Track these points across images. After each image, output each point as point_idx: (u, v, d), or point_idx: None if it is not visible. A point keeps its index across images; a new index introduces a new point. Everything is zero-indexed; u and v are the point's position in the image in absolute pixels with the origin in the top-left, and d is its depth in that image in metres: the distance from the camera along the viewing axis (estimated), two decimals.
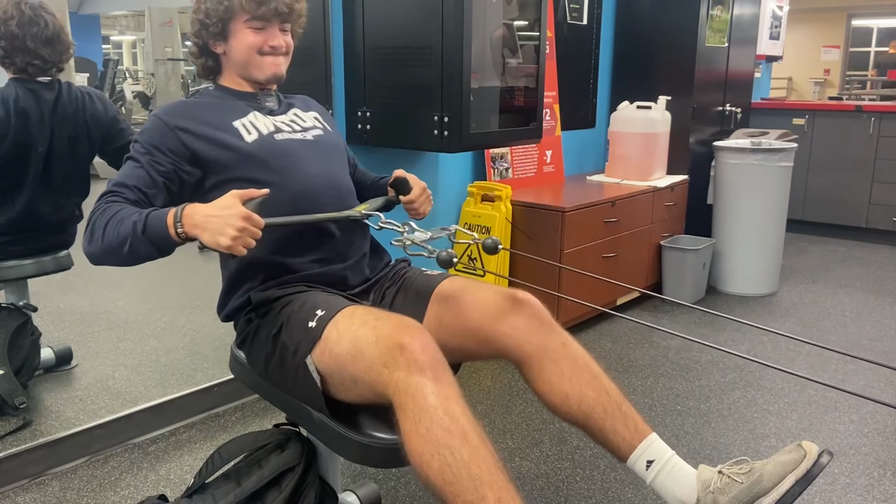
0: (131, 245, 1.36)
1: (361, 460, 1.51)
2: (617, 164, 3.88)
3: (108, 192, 1.46)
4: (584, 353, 1.54)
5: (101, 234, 1.40)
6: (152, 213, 1.38)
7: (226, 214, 1.32)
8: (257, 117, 1.65)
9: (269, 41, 1.63)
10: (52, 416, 2.42)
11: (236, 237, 1.31)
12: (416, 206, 1.76)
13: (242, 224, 1.32)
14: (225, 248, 1.32)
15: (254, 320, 1.55)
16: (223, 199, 1.36)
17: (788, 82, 12.60)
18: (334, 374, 1.39)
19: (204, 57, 1.70)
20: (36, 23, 2.31)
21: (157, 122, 1.55)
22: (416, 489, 2.10)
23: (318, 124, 1.77)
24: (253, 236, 1.34)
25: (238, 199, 1.36)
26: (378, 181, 1.89)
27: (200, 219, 1.34)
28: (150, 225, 1.36)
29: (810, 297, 4.00)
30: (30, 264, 2.52)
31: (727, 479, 1.39)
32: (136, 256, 1.39)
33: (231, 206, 1.34)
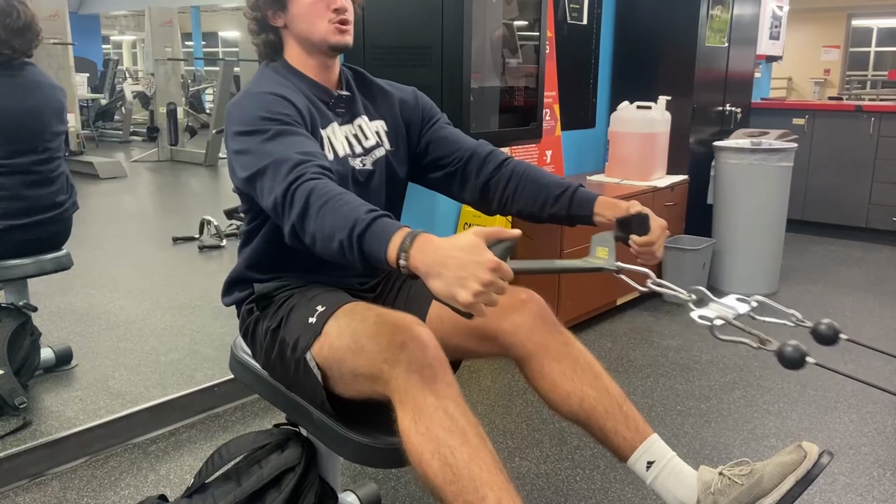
0: (340, 244, 1.16)
1: (361, 460, 1.51)
2: (617, 164, 3.88)
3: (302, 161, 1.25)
4: (586, 352, 1.54)
5: (316, 212, 1.19)
6: (380, 221, 1.15)
7: (469, 261, 1.06)
8: (334, 131, 1.52)
9: (332, 4, 1.48)
10: (52, 416, 2.42)
11: (480, 293, 1.05)
12: (654, 249, 1.48)
13: (490, 278, 1.05)
14: (463, 305, 1.06)
15: (255, 312, 1.54)
16: (464, 239, 1.08)
17: (788, 82, 12.61)
18: (334, 368, 1.38)
19: (264, 32, 1.55)
20: (8, 14, 2.34)
21: (266, 96, 1.38)
22: (416, 489, 2.09)
23: (381, 141, 1.60)
24: (499, 292, 1.08)
25: (483, 240, 1.09)
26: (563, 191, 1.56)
27: (437, 258, 1.08)
28: (372, 235, 1.14)
29: (810, 297, 4.00)
30: (30, 264, 2.52)
31: (728, 480, 1.39)
32: (341, 257, 1.18)
33: (476, 252, 1.07)
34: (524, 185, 1.60)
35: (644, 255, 1.49)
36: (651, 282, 1.38)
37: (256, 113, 1.37)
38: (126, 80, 12.11)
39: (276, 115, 1.37)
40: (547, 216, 1.60)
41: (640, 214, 1.47)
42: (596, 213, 1.54)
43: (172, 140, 8.96)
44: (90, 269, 4.06)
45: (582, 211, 1.55)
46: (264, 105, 1.38)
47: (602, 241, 1.44)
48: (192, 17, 16.04)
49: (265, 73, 1.55)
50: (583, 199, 1.56)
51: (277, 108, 1.38)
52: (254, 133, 1.35)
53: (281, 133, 1.34)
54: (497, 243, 1.11)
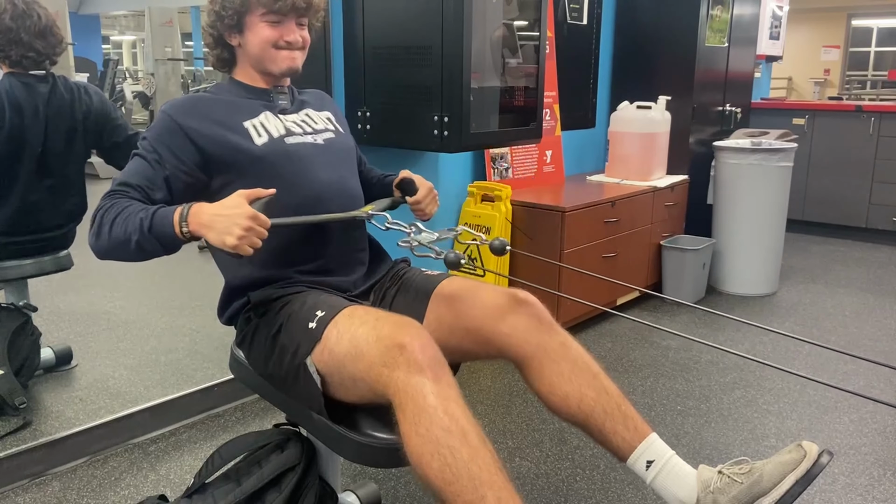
0: (138, 242, 1.36)
1: (361, 460, 1.51)
2: (617, 164, 3.88)
3: (113, 190, 1.46)
4: (584, 353, 1.54)
5: (108, 229, 1.39)
6: (159, 211, 1.38)
7: (232, 214, 1.32)
8: (268, 118, 1.63)
9: (286, 36, 1.60)
10: (52, 416, 2.42)
11: (242, 237, 1.31)
12: (422, 206, 1.74)
13: (249, 224, 1.32)
14: (231, 248, 1.32)
15: (252, 320, 1.55)
16: (229, 199, 1.36)
17: (788, 82, 12.61)
18: (334, 373, 1.39)
19: (219, 48, 1.67)
20: (29, 15, 2.32)
21: (166, 120, 1.53)
22: (416, 489, 2.10)
23: (331, 126, 1.75)
24: (259, 236, 1.34)
25: (245, 198, 1.36)
26: (384, 179, 1.88)
27: (206, 218, 1.34)
28: (157, 223, 1.36)
29: (810, 297, 4.00)
30: (30, 264, 2.52)
31: (727, 479, 1.39)
32: (142, 253, 1.39)
33: (237, 206, 1.34)
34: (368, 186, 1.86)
35: (417, 212, 1.76)
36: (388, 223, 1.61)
37: (150, 133, 1.53)
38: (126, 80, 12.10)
39: (153, 140, 1.51)
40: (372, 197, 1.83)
41: (406, 179, 1.76)
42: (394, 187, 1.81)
43: None
44: (90, 269, 4.05)
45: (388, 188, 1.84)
46: (155, 127, 1.54)
47: (378, 202, 1.74)
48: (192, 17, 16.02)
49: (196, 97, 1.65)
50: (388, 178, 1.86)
51: (160, 133, 1.52)
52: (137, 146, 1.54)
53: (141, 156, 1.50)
54: (256, 200, 1.37)
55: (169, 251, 1.39)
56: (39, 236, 2.47)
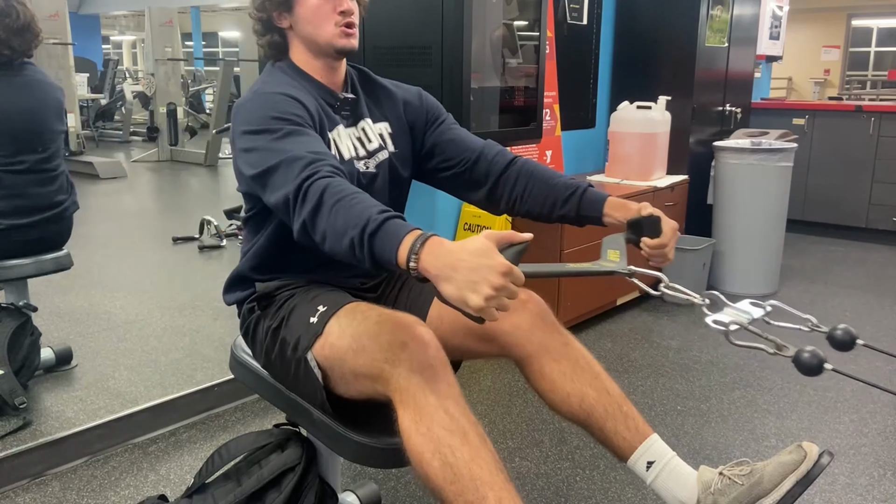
0: (351, 241, 1.15)
1: (361, 460, 1.51)
2: (617, 164, 3.88)
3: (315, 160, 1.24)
4: (585, 352, 1.54)
5: (329, 209, 1.18)
6: (392, 221, 1.13)
7: (482, 265, 1.04)
8: (340, 134, 1.51)
9: (339, 6, 1.49)
10: (52, 416, 2.42)
11: (491, 298, 1.04)
12: (666, 252, 1.47)
13: (501, 282, 1.04)
14: (474, 309, 1.05)
15: (256, 311, 1.54)
16: (477, 243, 1.07)
17: (788, 82, 12.61)
18: (335, 368, 1.38)
19: (269, 33, 1.54)
20: (7, 14, 2.34)
21: (275, 96, 1.38)
22: (416, 489, 2.09)
23: (384, 144, 1.60)
24: (511, 297, 1.06)
25: (495, 243, 1.08)
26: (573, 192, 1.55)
27: (449, 262, 1.06)
28: (384, 235, 1.12)
29: (810, 297, 4.00)
30: (30, 264, 2.52)
31: (728, 480, 1.39)
32: (351, 256, 1.16)
33: (487, 255, 1.05)
34: (532, 186, 1.60)
35: (656, 258, 1.48)
36: (664, 285, 1.37)
37: (266, 112, 1.36)
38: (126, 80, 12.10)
39: (287, 114, 1.35)
40: (556, 217, 1.60)
41: (651, 216, 1.45)
42: (606, 214, 1.54)
43: (172, 140, 8.95)
44: (90, 269, 4.06)
45: (591, 212, 1.55)
46: (274, 104, 1.37)
47: (613, 243, 1.43)
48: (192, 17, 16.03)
49: (273, 74, 1.54)
50: (592, 201, 1.55)
51: (288, 108, 1.37)
52: (263, 132, 1.33)
53: (291, 133, 1.32)
54: (509, 247, 1.10)
55: (376, 270, 1.19)
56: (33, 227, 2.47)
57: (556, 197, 1.58)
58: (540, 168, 1.63)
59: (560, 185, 1.58)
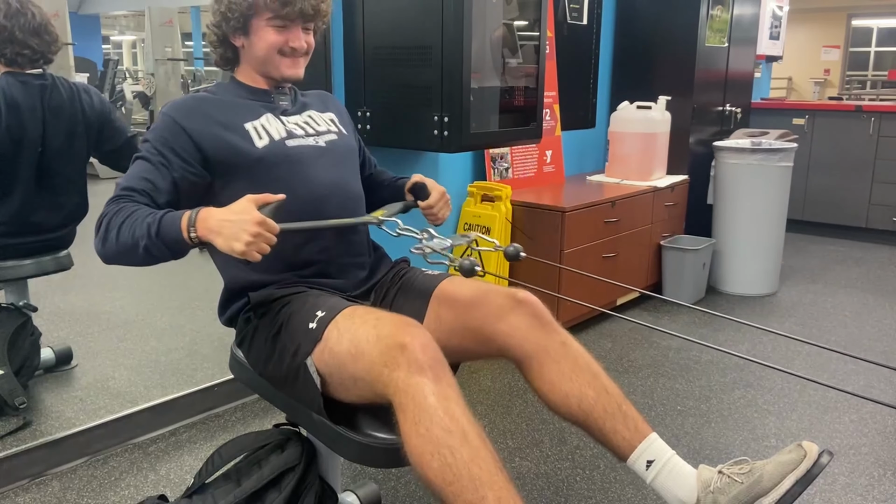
0: (145, 247, 1.35)
1: (361, 460, 1.51)
2: (617, 164, 3.88)
3: (118, 195, 1.45)
4: (584, 352, 1.54)
5: (115, 234, 1.38)
6: (167, 216, 1.36)
7: (241, 220, 1.31)
8: (269, 120, 1.62)
9: (291, 42, 1.60)
10: (52, 416, 2.42)
11: (251, 242, 1.30)
12: (434, 211, 1.74)
13: (257, 230, 1.30)
14: (239, 254, 1.30)
15: (252, 320, 1.55)
16: (238, 204, 1.34)
17: (788, 82, 12.60)
18: (334, 373, 1.39)
19: (222, 48, 1.67)
20: (23, 14, 2.33)
21: (167, 121, 1.53)
22: (416, 489, 2.10)
23: (333, 127, 1.74)
24: (268, 242, 1.32)
25: (253, 203, 1.34)
26: (395, 182, 1.87)
27: (215, 223, 1.33)
28: (165, 227, 1.35)
29: (810, 297, 4.00)
30: (30, 264, 2.51)
31: (727, 479, 1.39)
32: (149, 258, 1.38)
33: (246, 212, 1.32)
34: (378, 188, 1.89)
35: (429, 217, 1.76)
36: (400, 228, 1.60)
37: (153, 133, 1.53)
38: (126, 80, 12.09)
39: (156, 141, 1.51)
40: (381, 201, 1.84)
41: (419, 183, 1.77)
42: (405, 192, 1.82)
43: None
44: (90, 269, 4.04)
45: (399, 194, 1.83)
46: (157, 128, 1.53)
47: (388, 208, 1.72)
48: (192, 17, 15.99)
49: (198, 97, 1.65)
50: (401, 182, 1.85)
51: (162, 134, 1.52)
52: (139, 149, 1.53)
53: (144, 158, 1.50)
54: (265, 205, 1.36)
55: (177, 256, 1.38)
56: (40, 237, 2.47)
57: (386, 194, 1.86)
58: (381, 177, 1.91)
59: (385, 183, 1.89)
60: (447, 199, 1.78)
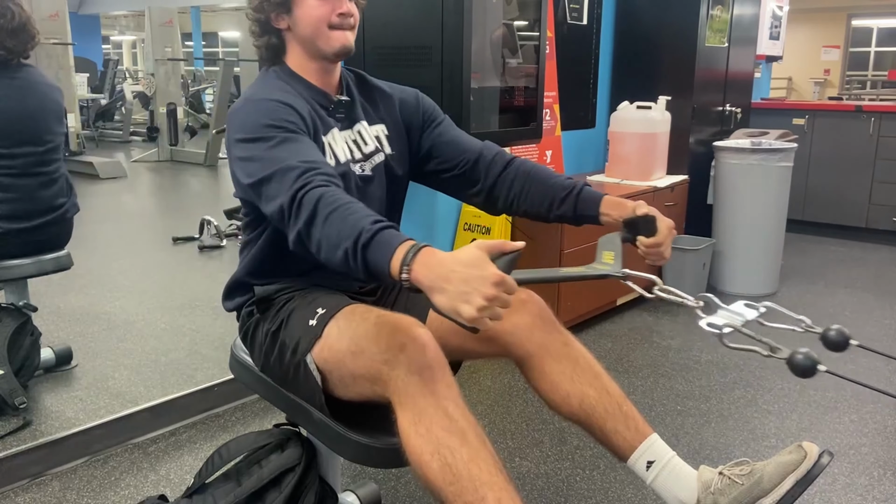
0: (345, 252, 1.16)
1: (361, 460, 1.51)
2: (617, 164, 3.88)
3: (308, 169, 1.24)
4: (585, 352, 1.54)
5: (323, 219, 1.19)
6: (385, 232, 1.14)
7: (474, 276, 1.05)
8: (335, 137, 1.51)
9: (338, 9, 1.48)
10: (52, 416, 2.42)
11: (484, 308, 1.05)
12: (662, 251, 1.47)
13: (494, 292, 1.05)
14: (468, 321, 1.06)
15: (255, 314, 1.54)
16: (468, 253, 1.08)
17: (788, 82, 12.61)
18: (334, 371, 1.39)
19: (266, 35, 1.53)
20: (2, 15, 2.34)
21: (269, 104, 1.38)
22: (416, 489, 2.09)
23: (381, 146, 1.59)
24: (504, 306, 1.07)
25: (486, 253, 1.08)
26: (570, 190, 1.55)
27: (441, 273, 1.07)
28: (376, 246, 1.13)
29: (810, 297, 4.00)
30: (30, 264, 2.52)
31: (728, 480, 1.39)
32: (343, 265, 1.17)
33: (479, 266, 1.06)
34: (530, 186, 1.60)
35: (652, 256, 1.48)
36: (658, 288, 1.37)
37: (260, 120, 1.36)
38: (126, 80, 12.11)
39: (281, 122, 1.36)
40: (554, 217, 1.60)
41: (647, 216, 1.45)
42: (602, 213, 1.53)
43: (172, 140, 8.95)
44: (90, 269, 4.06)
45: (588, 211, 1.55)
46: (268, 112, 1.38)
47: (608, 244, 1.43)
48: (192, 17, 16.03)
49: (267, 79, 1.53)
50: (588, 200, 1.55)
51: (281, 115, 1.37)
52: (258, 140, 1.34)
53: (285, 140, 1.33)
54: (500, 256, 1.10)
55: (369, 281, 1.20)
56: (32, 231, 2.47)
57: (553, 196, 1.58)
58: (537, 168, 1.63)
59: (557, 184, 1.58)
60: (675, 235, 1.50)
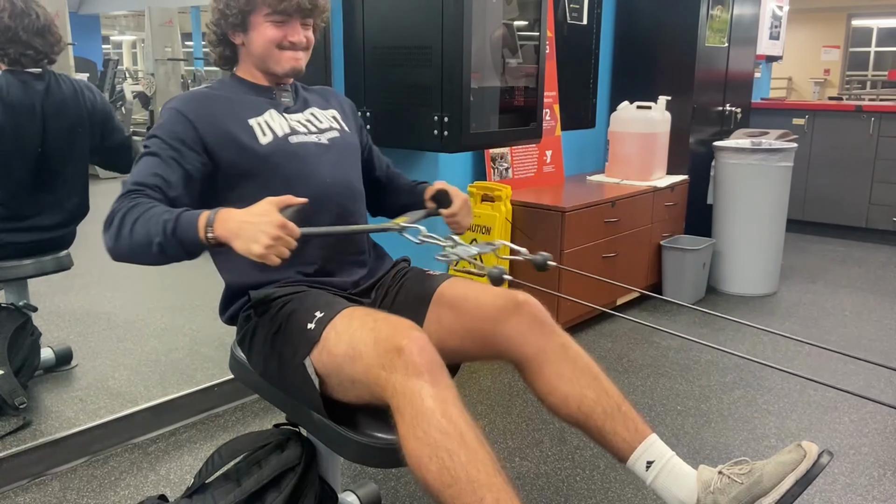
0: (160, 244, 1.32)
1: (361, 460, 1.51)
2: (617, 164, 3.88)
3: (129, 190, 1.42)
4: (583, 354, 1.54)
5: (128, 231, 1.35)
6: (184, 214, 1.33)
7: (261, 221, 1.28)
8: (273, 116, 1.62)
9: (290, 36, 1.60)
10: (52, 416, 2.42)
11: (270, 245, 1.27)
12: (458, 219, 1.72)
13: (277, 233, 1.27)
14: (257, 257, 1.27)
15: (252, 318, 1.55)
16: (259, 206, 1.31)
17: (788, 82, 12.60)
18: (332, 374, 1.39)
19: (221, 46, 1.67)
20: (28, 14, 2.33)
21: (173, 114, 1.51)
22: (416, 489, 2.09)
23: (336, 124, 1.74)
24: (287, 246, 1.29)
25: (274, 206, 1.31)
26: (415, 187, 1.85)
27: (234, 224, 1.29)
28: (181, 225, 1.32)
29: (810, 297, 4.00)
30: (30, 264, 2.52)
31: (727, 479, 1.39)
32: (163, 257, 1.34)
33: (266, 214, 1.29)
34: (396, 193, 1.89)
35: (452, 224, 1.73)
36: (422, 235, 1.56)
37: (159, 129, 1.51)
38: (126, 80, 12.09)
39: (165, 135, 1.49)
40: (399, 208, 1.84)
41: (441, 190, 1.74)
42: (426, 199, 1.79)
43: None
44: (90, 269, 4.04)
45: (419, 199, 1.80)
46: (165, 123, 1.51)
47: (411, 215, 1.70)
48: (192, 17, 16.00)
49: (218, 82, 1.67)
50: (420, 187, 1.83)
51: (171, 127, 1.50)
52: (147, 145, 1.51)
53: (154, 154, 1.47)
54: (286, 208, 1.33)
55: (191, 256, 1.35)
56: (40, 236, 2.47)
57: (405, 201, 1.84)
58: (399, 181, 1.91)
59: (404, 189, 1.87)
60: (470, 207, 1.76)
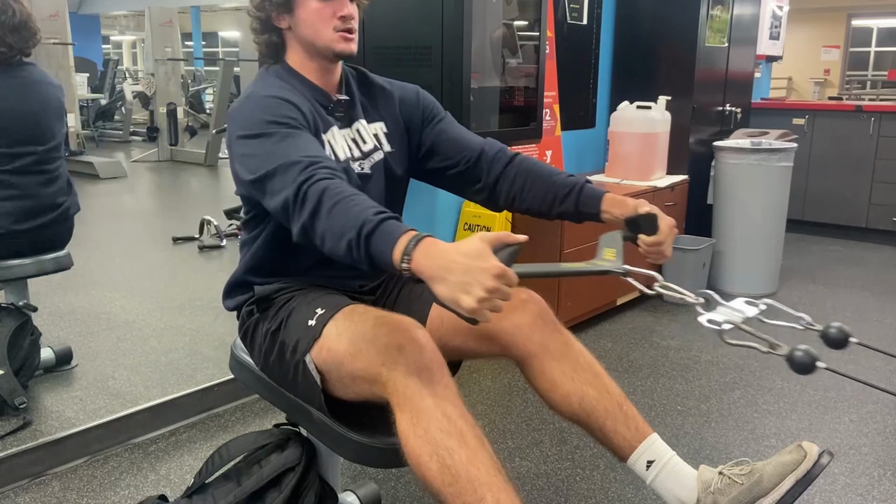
0: (349, 243, 1.15)
1: (361, 460, 1.51)
2: (617, 164, 3.88)
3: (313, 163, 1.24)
4: (586, 352, 1.54)
5: (326, 211, 1.18)
6: (387, 223, 1.14)
7: (474, 267, 1.04)
8: (335, 135, 1.51)
9: (339, 10, 1.47)
10: (52, 416, 2.42)
11: (484, 299, 1.04)
12: (663, 249, 1.47)
13: (494, 284, 1.04)
14: (467, 312, 1.05)
15: (255, 313, 1.54)
16: (470, 244, 1.07)
17: (788, 82, 12.62)
18: (332, 371, 1.39)
19: (267, 33, 1.53)
20: (3, 11, 2.34)
21: (269, 101, 1.38)
22: (416, 489, 2.09)
23: (379, 144, 1.59)
24: (504, 298, 1.06)
25: (489, 245, 1.07)
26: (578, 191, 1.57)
27: (441, 262, 1.07)
28: (378, 237, 1.13)
29: (810, 297, 4.00)
30: (30, 264, 2.52)
31: (727, 479, 1.39)
32: (342, 254, 1.17)
33: (481, 257, 1.05)
34: (532, 183, 1.61)
35: (653, 255, 1.48)
36: (658, 285, 1.37)
37: (261, 117, 1.36)
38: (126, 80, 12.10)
39: (282, 118, 1.36)
40: (555, 214, 1.61)
41: (648, 214, 1.45)
42: (604, 210, 1.55)
43: (172, 140, 8.95)
44: (90, 269, 4.06)
45: (589, 209, 1.56)
46: (269, 108, 1.38)
47: (609, 241, 1.43)
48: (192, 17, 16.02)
49: (267, 77, 1.53)
50: (590, 197, 1.56)
51: (283, 111, 1.37)
52: (260, 136, 1.34)
53: (287, 136, 1.33)
54: (502, 248, 1.09)
55: (373, 271, 1.18)
56: (32, 231, 2.46)
57: (555, 194, 1.59)
58: (539, 165, 1.65)
59: (559, 181, 1.59)
60: (676, 233, 1.49)
